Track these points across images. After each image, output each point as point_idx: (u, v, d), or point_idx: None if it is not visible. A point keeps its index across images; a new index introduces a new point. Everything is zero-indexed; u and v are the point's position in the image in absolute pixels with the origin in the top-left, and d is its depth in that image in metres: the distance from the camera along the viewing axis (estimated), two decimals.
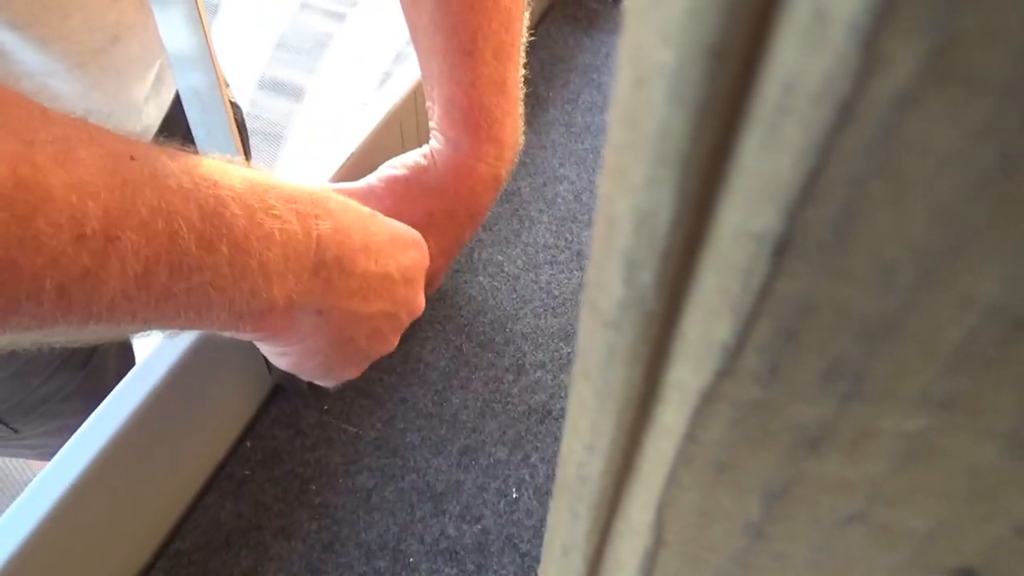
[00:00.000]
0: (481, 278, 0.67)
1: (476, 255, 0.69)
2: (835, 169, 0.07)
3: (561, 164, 0.79)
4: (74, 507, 0.41)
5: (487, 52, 0.53)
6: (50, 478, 0.41)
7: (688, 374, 0.09)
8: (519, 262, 0.69)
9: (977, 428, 0.08)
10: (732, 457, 0.10)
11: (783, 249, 0.07)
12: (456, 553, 0.51)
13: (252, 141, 0.87)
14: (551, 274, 0.68)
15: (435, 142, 0.55)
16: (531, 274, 0.68)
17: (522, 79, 0.59)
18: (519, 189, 0.75)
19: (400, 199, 0.52)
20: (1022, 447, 0.08)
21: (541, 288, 0.67)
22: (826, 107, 0.06)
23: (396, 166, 0.53)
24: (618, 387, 0.10)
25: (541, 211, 0.74)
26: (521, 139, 0.59)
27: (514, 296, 0.66)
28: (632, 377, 0.10)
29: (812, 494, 0.10)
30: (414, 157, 0.54)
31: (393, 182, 0.52)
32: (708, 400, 0.09)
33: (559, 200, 0.75)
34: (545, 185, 0.76)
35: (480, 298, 0.66)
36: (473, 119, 0.53)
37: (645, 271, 0.09)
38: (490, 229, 0.71)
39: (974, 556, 0.10)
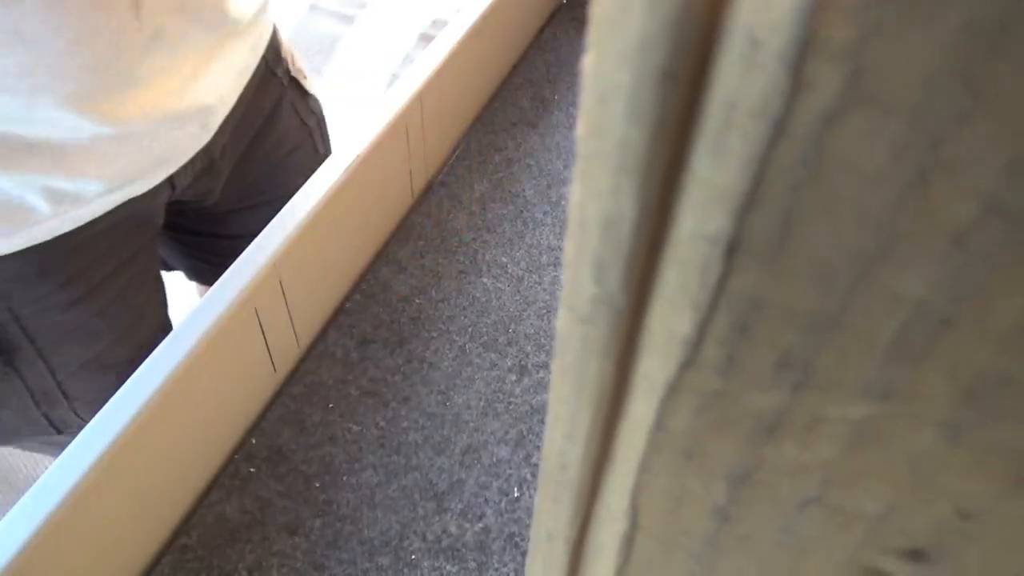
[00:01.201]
0: (485, 279, 0.68)
1: (480, 256, 0.70)
2: (774, 179, 0.07)
3: (566, 166, 0.80)
4: (82, 502, 0.42)
5: None
6: (58, 474, 0.42)
7: (655, 366, 0.10)
8: (523, 263, 0.70)
9: (914, 416, 0.09)
10: (698, 444, 0.11)
11: (734, 250, 0.08)
12: (458, 551, 0.52)
13: None
14: (554, 275, 0.69)
15: None
16: (535, 275, 0.69)
17: None
18: (523, 191, 0.76)
19: None
20: (956, 434, 0.09)
21: (544, 289, 0.68)
22: (763, 123, 0.07)
23: None
24: (593, 379, 0.11)
25: (545, 213, 0.75)
26: None
27: (518, 297, 0.67)
28: (605, 370, 0.11)
29: (772, 478, 0.11)
30: None
31: None
32: (673, 390, 0.10)
33: (563, 202, 0.76)
34: (549, 187, 0.77)
35: (484, 299, 0.67)
36: None
37: (613, 271, 0.09)
38: (494, 231, 0.72)
39: (923, 538, 0.10)
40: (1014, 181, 0.07)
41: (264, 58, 0.68)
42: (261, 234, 0.56)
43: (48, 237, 0.54)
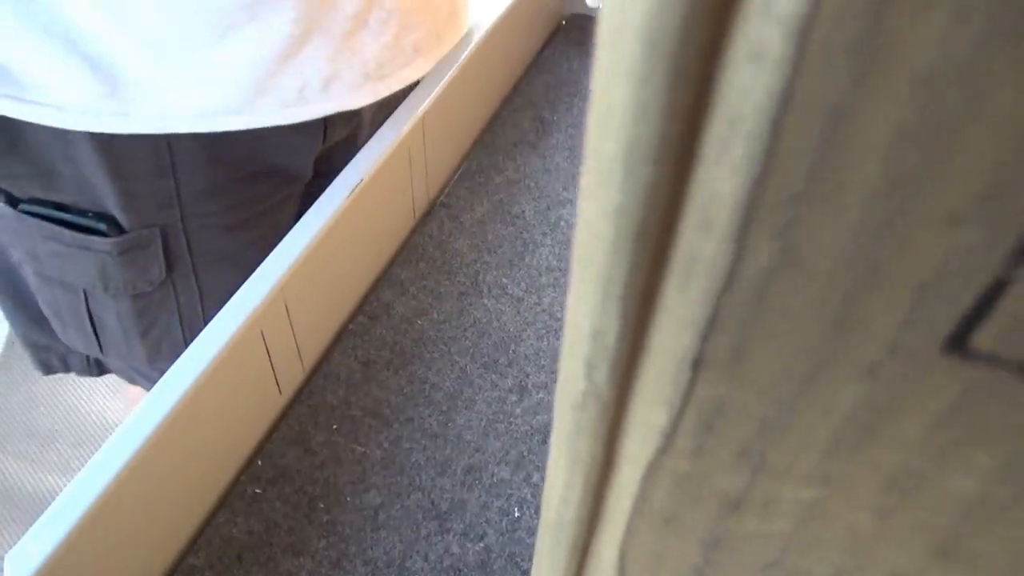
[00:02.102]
0: (486, 300, 0.70)
1: (481, 278, 0.71)
2: (727, 314, 0.09)
3: (565, 188, 0.81)
4: (94, 524, 0.43)
5: None
6: (72, 496, 0.43)
7: (637, 449, 0.12)
8: (523, 284, 0.72)
9: (850, 499, 0.11)
10: (676, 513, 0.12)
11: (698, 364, 0.10)
12: (460, 571, 0.53)
13: None
14: (554, 296, 0.71)
15: None
16: (534, 296, 0.71)
17: None
18: (523, 212, 0.78)
19: None
20: (885, 515, 0.11)
21: (544, 310, 0.69)
22: (715, 275, 0.09)
23: None
24: (584, 456, 0.13)
25: (544, 234, 0.76)
26: None
27: (518, 318, 0.69)
28: (594, 449, 0.12)
29: (739, 544, 0.12)
30: None
31: None
32: (653, 470, 0.12)
33: (562, 223, 0.77)
34: (549, 208, 0.79)
35: (484, 320, 0.68)
36: None
37: (599, 371, 0.11)
38: (494, 252, 0.74)
39: None
40: (907, 332, 0.08)
41: None
42: (267, 259, 0.58)
43: (290, 120, 0.57)
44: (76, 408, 1.36)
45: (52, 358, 0.75)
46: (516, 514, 0.56)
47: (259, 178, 0.64)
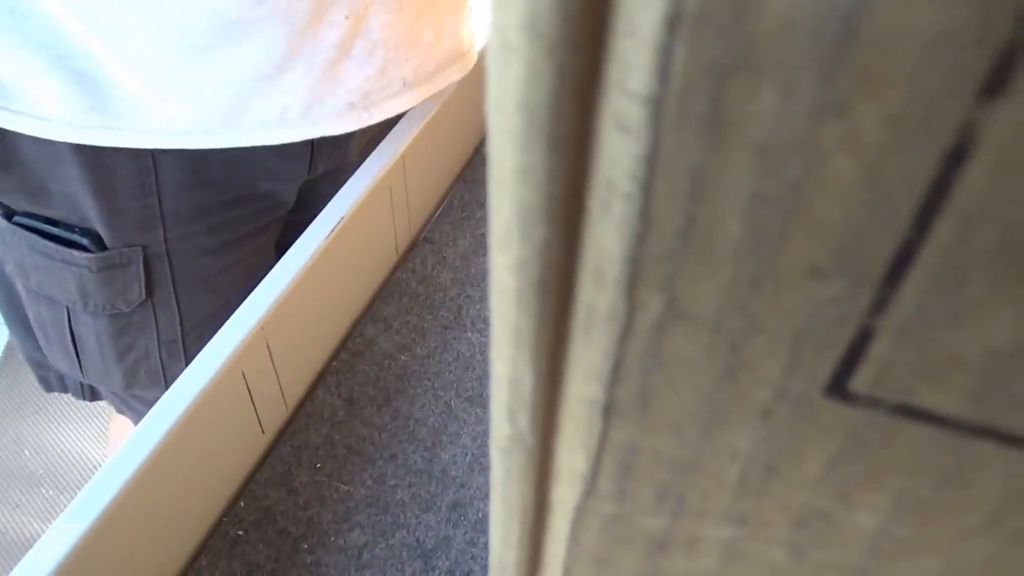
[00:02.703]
0: (469, 334, 0.70)
1: (464, 311, 0.72)
2: (628, 362, 0.09)
3: None
4: (73, 569, 0.43)
5: None
6: (50, 541, 0.43)
7: (564, 492, 0.12)
8: None
9: (765, 537, 0.11)
10: (607, 554, 0.12)
11: (609, 411, 0.10)
12: None
13: None
14: None
15: None
16: None
17: None
18: None
19: None
20: (799, 552, 0.11)
21: None
22: (613, 327, 0.09)
23: None
24: (516, 500, 0.13)
25: None
26: None
27: None
28: (525, 493, 0.13)
29: None
30: None
31: None
32: (580, 513, 0.12)
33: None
34: None
35: (468, 354, 0.68)
36: None
37: (521, 418, 0.11)
38: (478, 286, 0.74)
39: None
40: (791, 377, 0.09)
41: None
42: (248, 298, 0.58)
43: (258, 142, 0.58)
44: (62, 451, 1.34)
45: (50, 375, 0.75)
46: None
47: (243, 202, 0.64)
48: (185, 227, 0.63)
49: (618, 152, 0.07)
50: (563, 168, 0.08)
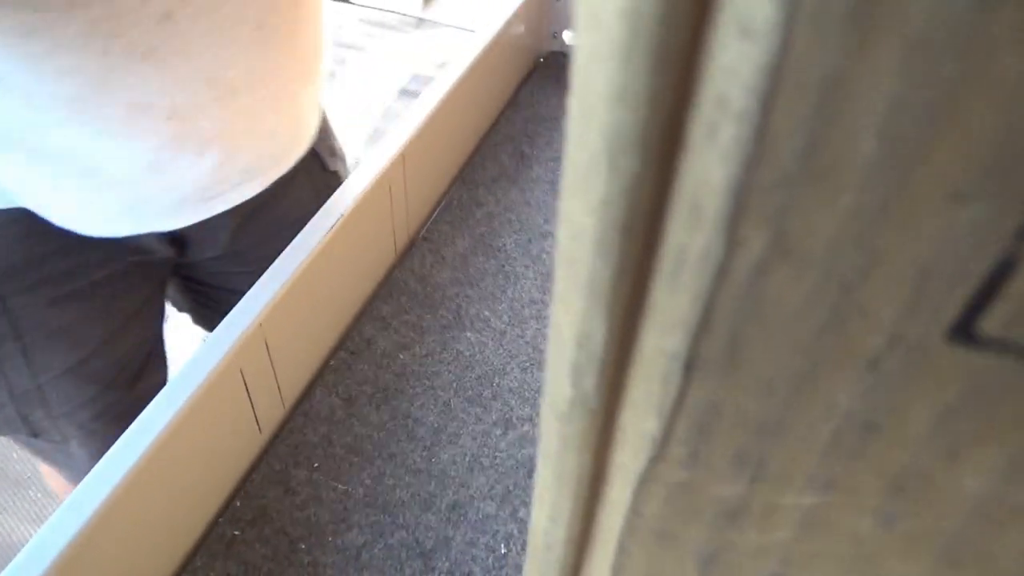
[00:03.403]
0: (468, 334, 0.69)
1: (463, 311, 0.71)
2: (719, 310, 0.09)
3: (546, 220, 0.81)
4: (67, 570, 0.41)
5: None
6: (41, 542, 0.42)
7: (628, 459, 0.11)
8: (505, 317, 0.71)
9: (853, 505, 0.10)
10: (669, 528, 0.12)
11: (690, 366, 0.09)
12: None
13: None
14: (537, 329, 0.70)
15: None
16: (517, 329, 0.70)
17: None
18: (505, 245, 0.78)
19: None
20: (890, 521, 0.10)
21: (527, 343, 0.69)
22: (707, 269, 0.08)
23: None
24: (572, 470, 0.12)
25: (527, 267, 0.76)
26: None
27: (501, 351, 0.68)
28: (583, 462, 0.12)
29: (737, 559, 0.12)
30: None
31: None
32: (645, 481, 0.11)
33: (544, 256, 0.77)
34: (530, 241, 0.79)
35: (468, 353, 0.67)
36: None
37: (587, 377, 0.11)
38: (477, 285, 0.74)
39: None
40: (909, 321, 0.08)
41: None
42: (246, 296, 0.57)
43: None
44: None
45: None
46: (502, 551, 0.55)
47: (80, 249, 0.61)
48: (20, 280, 0.59)
49: (735, 61, 0.07)
50: (667, 86, 0.07)
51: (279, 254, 0.73)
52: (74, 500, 0.44)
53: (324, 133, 0.77)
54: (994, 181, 0.07)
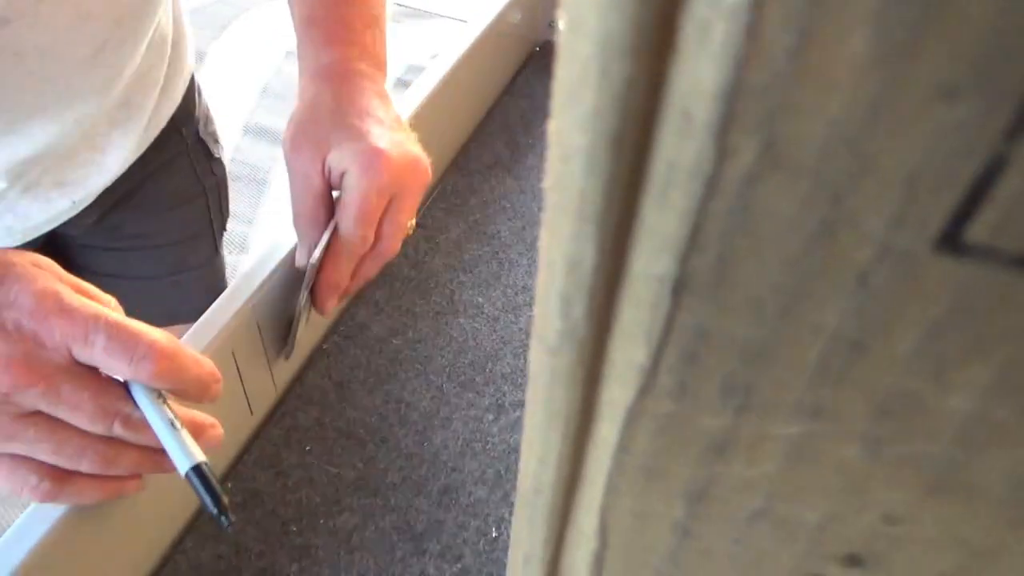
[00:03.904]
0: (462, 319, 0.69)
1: (457, 297, 0.71)
2: (709, 227, 0.09)
3: (540, 208, 0.81)
4: (53, 552, 0.41)
5: None
6: (28, 523, 0.41)
7: (617, 392, 0.11)
8: (499, 304, 0.71)
9: (840, 432, 0.10)
10: (657, 464, 0.12)
11: (679, 288, 0.09)
12: None
13: (236, 186, 0.89)
14: (530, 315, 0.70)
15: (300, 76, 0.55)
16: (511, 315, 0.70)
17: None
18: (499, 232, 0.78)
19: (301, 144, 0.51)
20: (877, 447, 0.10)
21: (520, 329, 0.69)
22: (697, 182, 0.08)
23: (287, 133, 0.52)
24: (561, 406, 0.12)
25: (520, 254, 0.76)
26: (386, 54, 0.57)
27: (494, 337, 0.68)
28: (572, 397, 0.12)
29: (724, 494, 0.12)
30: (295, 119, 0.53)
31: (294, 138, 0.51)
32: (634, 415, 0.11)
33: (538, 243, 0.77)
34: (524, 228, 0.79)
35: (461, 339, 0.67)
36: (330, 31, 0.54)
37: (577, 306, 0.11)
38: (471, 271, 0.73)
39: (857, 543, 0.11)
40: (898, 230, 0.08)
41: (172, 118, 0.69)
42: (238, 277, 0.57)
43: None
44: None
45: None
46: (494, 534, 0.55)
47: None
48: None
49: None
50: None
51: (157, 237, 0.73)
52: None
53: (206, 119, 0.77)
54: (984, 76, 0.07)
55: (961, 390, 0.09)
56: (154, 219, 0.74)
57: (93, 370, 0.36)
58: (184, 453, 0.38)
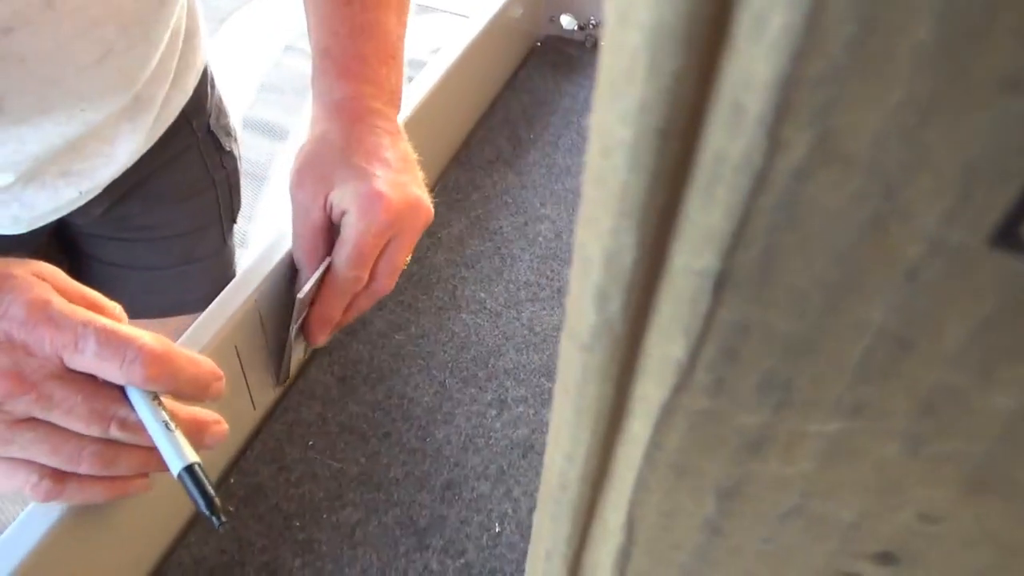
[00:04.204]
0: (464, 315, 0.69)
1: (459, 292, 0.71)
2: (756, 222, 0.09)
3: (542, 204, 0.81)
4: (56, 546, 0.41)
5: (365, 1, 0.55)
6: (33, 516, 0.41)
7: (651, 389, 0.11)
8: (501, 299, 0.71)
9: (880, 430, 0.10)
10: (690, 461, 0.12)
11: (721, 284, 0.09)
12: None
13: None
14: (532, 311, 0.70)
15: (312, 119, 0.56)
16: (513, 311, 0.70)
17: (404, 30, 0.60)
18: (501, 228, 0.78)
19: (305, 179, 0.52)
20: (917, 445, 0.10)
21: (523, 325, 0.69)
22: (745, 176, 0.08)
23: (295, 164, 0.53)
24: (592, 402, 0.12)
25: (523, 249, 0.76)
26: (401, 86, 0.57)
27: (496, 332, 0.68)
28: (604, 393, 0.12)
29: (757, 491, 0.12)
30: (304, 151, 0.53)
31: (300, 171, 0.52)
32: (668, 411, 0.11)
33: (540, 239, 0.77)
34: (527, 224, 0.79)
35: (463, 335, 0.67)
36: (345, 66, 0.55)
37: (613, 301, 0.10)
38: (473, 267, 0.73)
39: (891, 541, 0.11)
40: (952, 225, 0.08)
41: (183, 111, 0.69)
42: (241, 272, 0.56)
43: None
44: None
45: None
46: (496, 529, 0.55)
47: None
48: None
49: None
50: None
51: (166, 228, 0.73)
52: None
53: (219, 112, 0.77)
54: None
55: (1007, 388, 0.09)
56: (162, 211, 0.74)
57: (88, 376, 0.36)
58: (177, 454, 0.39)
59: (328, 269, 0.52)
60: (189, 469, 0.39)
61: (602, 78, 0.09)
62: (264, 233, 0.59)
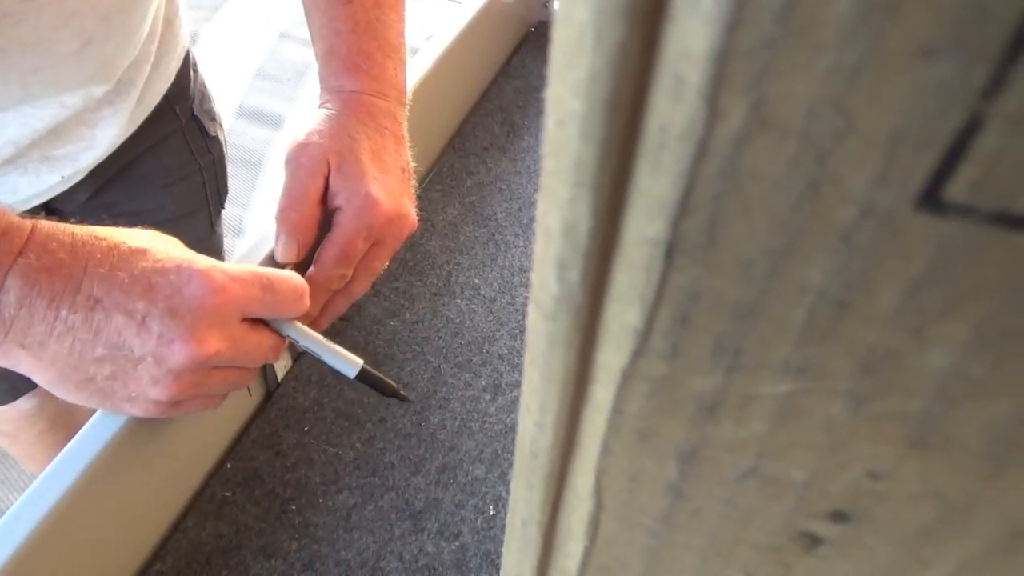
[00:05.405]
0: (458, 301, 0.69)
1: (453, 278, 0.71)
2: (700, 190, 0.09)
3: (536, 189, 0.81)
4: (54, 530, 0.42)
5: (366, 1, 0.56)
6: (32, 499, 0.42)
7: (612, 356, 0.11)
8: (495, 285, 0.71)
9: (825, 389, 0.11)
10: (651, 426, 0.12)
11: (672, 251, 0.10)
12: (435, 570, 0.52)
13: (231, 168, 0.89)
14: (526, 296, 0.70)
15: (320, 101, 0.56)
16: (507, 296, 0.70)
17: (404, 27, 0.61)
18: (495, 214, 0.78)
19: (308, 155, 0.53)
20: (859, 404, 0.11)
21: (517, 310, 0.69)
22: (688, 145, 0.09)
23: (299, 135, 0.54)
24: (558, 370, 0.12)
25: (517, 235, 0.76)
26: (406, 82, 0.59)
27: (491, 318, 0.68)
28: (568, 360, 0.12)
29: (715, 454, 0.12)
30: (310, 126, 0.54)
31: (307, 144, 0.53)
32: (628, 377, 0.11)
33: (534, 224, 0.77)
34: (520, 210, 0.79)
35: (458, 320, 0.68)
36: (352, 62, 0.56)
37: (573, 271, 0.11)
38: (467, 253, 0.74)
39: (842, 499, 0.12)
40: (881, 188, 0.08)
41: (165, 96, 0.70)
42: (235, 260, 0.57)
43: None
44: None
45: None
46: (491, 512, 0.56)
47: None
48: None
49: None
50: None
51: (152, 214, 0.73)
52: (62, 462, 0.44)
53: (202, 97, 0.77)
54: (962, 36, 0.07)
55: (939, 346, 0.09)
56: (148, 196, 0.74)
57: (257, 321, 0.43)
58: (347, 363, 0.48)
59: (314, 268, 0.54)
60: (362, 371, 0.48)
61: (555, 51, 0.09)
62: (260, 221, 0.59)
